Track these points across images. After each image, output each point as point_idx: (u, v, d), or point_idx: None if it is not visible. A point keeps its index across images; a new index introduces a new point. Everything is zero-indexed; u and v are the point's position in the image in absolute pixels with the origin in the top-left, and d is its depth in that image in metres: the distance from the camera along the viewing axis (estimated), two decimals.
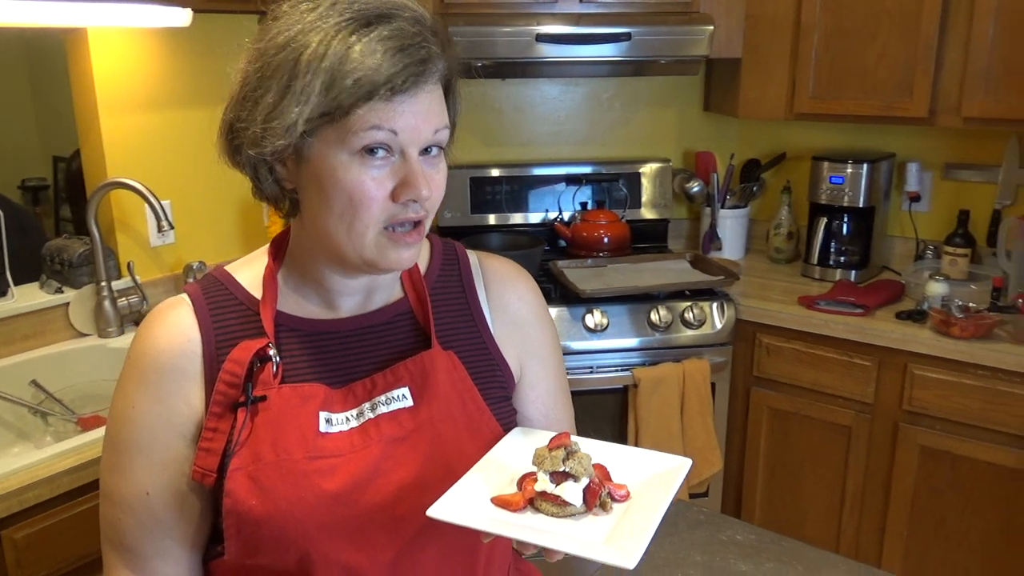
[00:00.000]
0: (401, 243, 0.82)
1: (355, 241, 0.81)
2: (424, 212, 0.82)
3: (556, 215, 2.76)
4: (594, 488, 0.75)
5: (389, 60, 0.75)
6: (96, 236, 2.00)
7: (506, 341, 0.97)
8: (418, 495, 0.82)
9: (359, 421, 0.86)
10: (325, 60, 0.75)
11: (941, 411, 2.04)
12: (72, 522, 1.47)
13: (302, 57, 0.75)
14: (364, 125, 0.76)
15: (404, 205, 0.80)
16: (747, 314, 2.28)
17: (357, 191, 0.78)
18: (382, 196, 0.79)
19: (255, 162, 0.82)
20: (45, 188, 3.79)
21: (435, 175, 0.83)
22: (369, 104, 0.76)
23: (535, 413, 1.00)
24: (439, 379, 0.88)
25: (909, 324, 2.11)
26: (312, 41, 0.76)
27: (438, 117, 0.81)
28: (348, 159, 0.78)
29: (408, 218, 0.81)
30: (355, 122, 0.76)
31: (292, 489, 0.80)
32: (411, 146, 0.79)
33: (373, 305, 0.92)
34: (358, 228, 0.80)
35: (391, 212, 0.80)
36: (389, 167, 0.79)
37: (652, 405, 2.21)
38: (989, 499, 2.01)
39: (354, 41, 0.75)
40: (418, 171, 0.79)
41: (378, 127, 0.77)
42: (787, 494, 2.34)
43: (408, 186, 0.79)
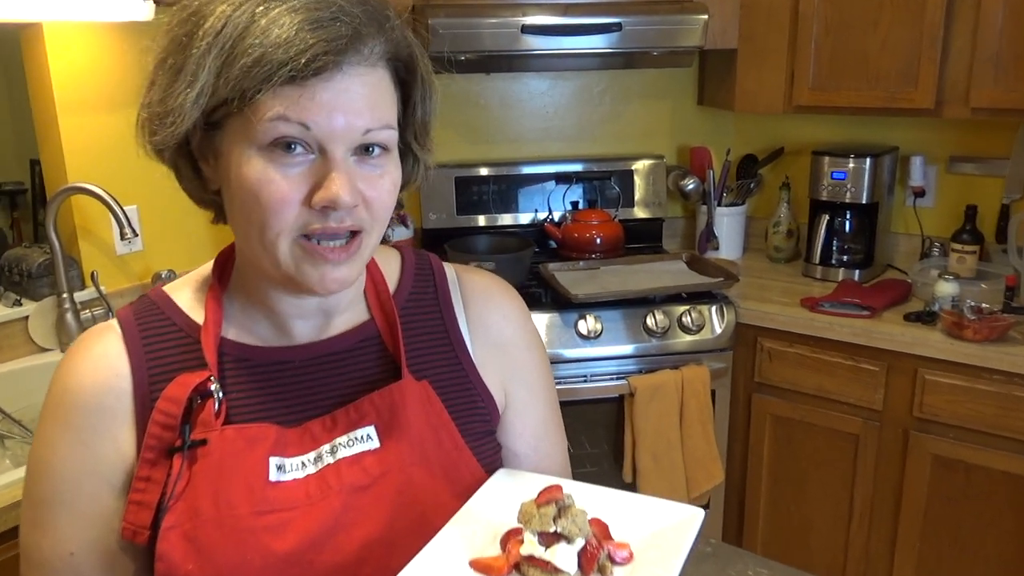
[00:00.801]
0: (320, 259, 0.69)
1: (269, 252, 0.70)
2: (353, 224, 0.69)
3: (546, 215, 2.65)
4: (591, 551, 0.64)
5: (299, 35, 0.63)
6: (56, 245, 1.87)
7: (488, 366, 0.85)
8: (385, 554, 0.71)
9: (316, 467, 0.74)
10: (222, 34, 0.64)
11: (954, 418, 1.93)
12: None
13: (198, 31, 0.65)
14: (268, 114, 0.65)
15: (323, 213, 0.68)
16: (747, 317, 2.18)
17: (264, 191, 0.67)
18: (294, 199, 0.67)
19: (173, 157, 0.71)
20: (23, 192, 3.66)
21: (375, 179, 0.70)
22: (274, 89, 0.64)
23: (523, 448, 0.89)
24: (410, 414, 0.76)
25: (918, 326, 2.01)
26: (215, 11, 0.65)
27: (375, 111, 0.68)
28: (255, 154, 0.67)
29: (327, 228, 0.68)
30: (259, 110, 0.65)
31: (236, 550, 0.69)
32: (332, 143, 0.67)
33: (333, 330, 0.80)
34: (269, 236, 0.69)
35: (307, 220, 0.68)
36: (307, 165, 0.68)
37: (650, 414, 2.11)
38: (1005, 509, 1.91)
39: (261, 13, 0.64)
40: (340, 171, 0.67)
41: (284, 118, 0.65)
42: (791, 505, 2.23)
43: (326, 189, 0.67)
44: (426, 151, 0.79)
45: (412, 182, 0.83)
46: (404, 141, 0.76)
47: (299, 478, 0.73)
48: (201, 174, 0.74)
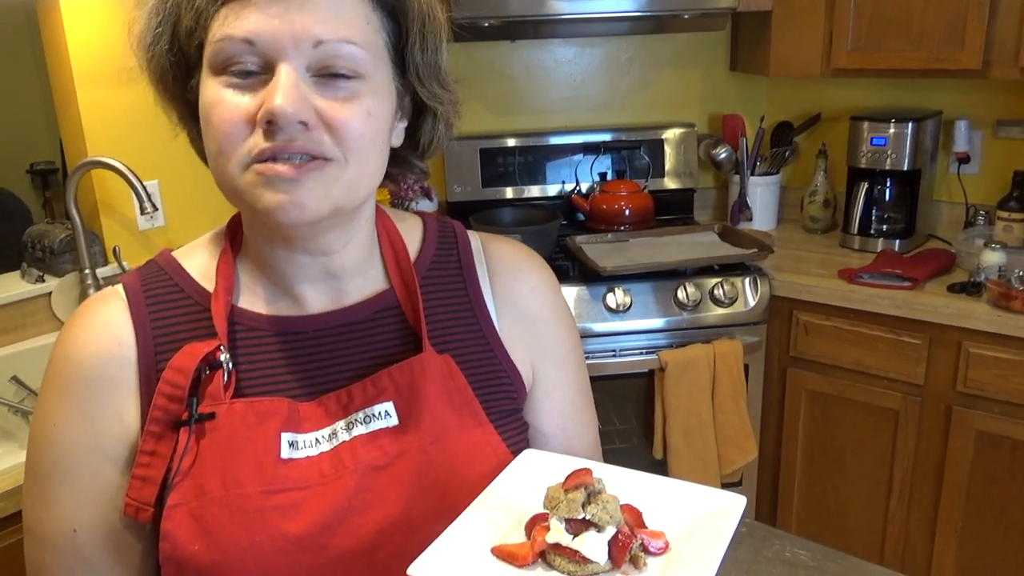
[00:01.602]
0: (269, 179, 0.63)
1: (230, 183, 0.66)
2: (307, 145, 0.63)
3: (573, 187, 2.58)
4: (623, 540, 0.59)
5: None
6: (77, 220, 1.85)
7: (515, 341, 0.80)
8: (402, 538, 0.66)
9: (331, 444, 0.70)
10: None
11: (999, 393, 1.86)
12: None
13: None
14: (217, 34, 0.63)
15: (270, 131, 0.62)
16: (782, 289, 2.11)
17: (214, 113, 0.63)
18: (241, 119, 0.63)
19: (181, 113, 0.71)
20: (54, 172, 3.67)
21: (341, 102, 0.64)
22: (222, 8, 0.62)
23: (551, 428, 0.84)
24: (431, 390, 0.72)
25: (963, 298, 1.92)
26: None
27: (332, 22, 0.63)
28: (211, 79, 0.64)
29: (274, 148, 0.62)
30: (211, 32, 0.64)
31: (244, 531, 0.65)
32: (280, 57, 0.62)
33: (349, 299, 0.76)
34: (221, 163, 0.65)
35: (256, 141, 0.63)
36: (259, 88, 0.63)
37: (680, 390, 2.05)
38: None
39: None
40: (285, 82, 0.62)
41: (229, 37, 0.62)
42: (828, 483, 2.17)
43: (266, 99, 0.62)
44: (438, 99, 0.73)
45: (433, 143, 0.78)
46: (406, 84, 0.71)
47: (312, 456, 0.69)
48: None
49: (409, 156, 0.78)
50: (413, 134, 0.77)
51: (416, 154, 0.79)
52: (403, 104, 0.73)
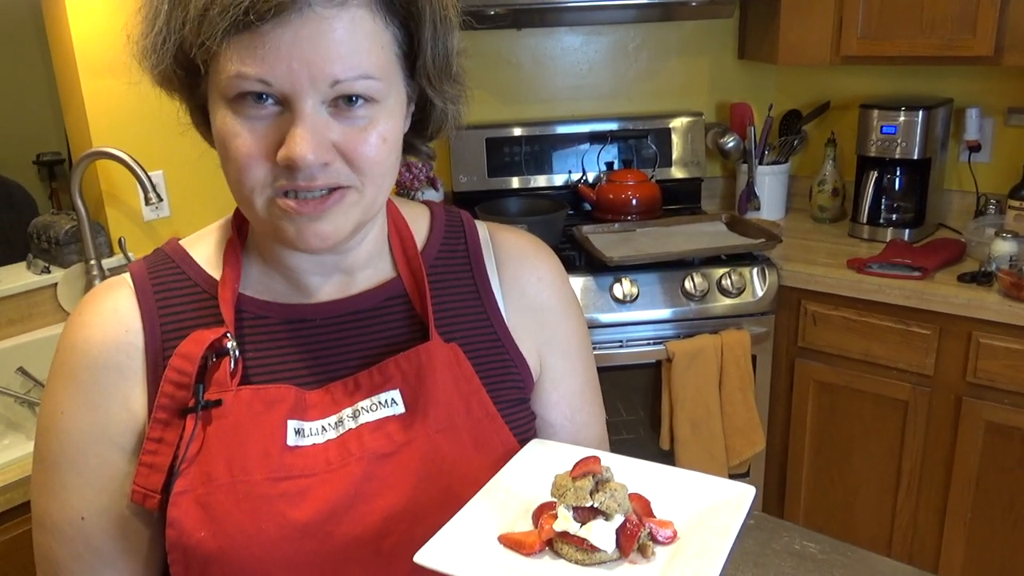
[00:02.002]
0: (293, 215, 0.64)
1: (248, 208, 0.66)
2: (328, 181, 0.63)
3: (580, 176, 2.57)
4: (631, 529, 0.58)
5: None
6: (82, 211, 1.85)
7: (523, 331, 0.80)
8: (409, 526, 0.66)
9: (337, 432, 0.69)
10: None
11: (1010, 383, 1.84)
12: None
13: None
14: (229, 70, 0.61)
15: (289, 171, 0.62)
16: (790, 280, 2.09)
17: (231, 147, 0.63)
18: (260, 155, 0.62)
19: (185, 96, 0.69)
20: (60, 163, 3.67)
21: (357, 133, 0.64)
22: (230, 38, 0.59)
23: (558, 418, 0.83)
24: (438, 378, 0.71)
25: (973, 287, 1.91)
26: None
27: (348, 59, 0.61)
28: (224, 106, 0.63)
29: (298, 187, 0.63)
30: (220, 63, 0.61)
31: (250, 519, 0.65)
32: (297, 97, 0.61)
33: (356, 287, 0.75)
34: (244, 193, 0.65)
35: (276, 176, 0.63)
36: (274, 118, 0.62)
37: (688, 381, 2.04)
38: None
39: None
40: (301, 128, 0.61)
41: (241, 75, 0.60)
42: (836, 474, 2.16)
43: (286, 146, 0.61)
44: (447, 97, 0.72)
45: (440, 131, 0.77)
46: (416, 86, 0.70)
47: (319, 443, 0.69)
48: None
49: (415, 141, 0.78)
50: (420, 119, 0.76)
51: (422, 140, 0.78)
52: (411, 101, 0.72)
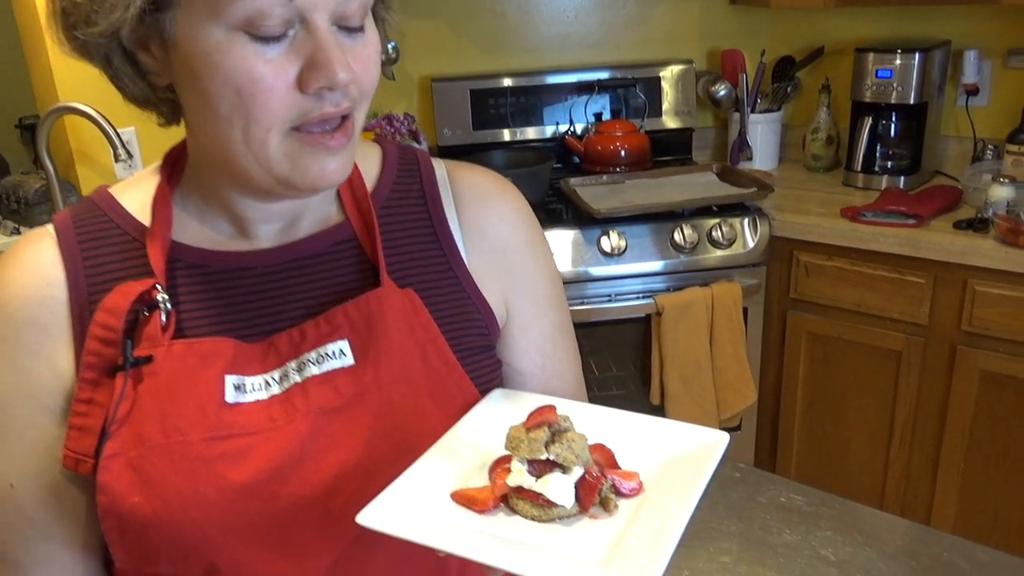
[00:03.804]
0: (322, 148, 0.61)
1: (257, 153, 0.60)
2: (348, 103, 0.60)
3: (567, 128, 2.50)
4: (590, 482, 0.54)
5: None
6: (50, 169, 1.79)
7: (486, 274, 0.75)
8: (361, 484, 0.62)
9: (282, 387, 0.65)
10: None
11: (1006, 331, 1.80)
12: None
13: None
14: None
15: (318, 96, 0.58)
16: (783, 230, 2.04)
17: (245, 82, 0.56)
18: (283, 86, 0.57)
19: (104, 50, 0.60)
20: None
21: (359, 50, 0.61)
22: None
23: (528, 366, 0.79)
24: (390, 326, 0.67)
25: (969, 234, 1.86)
26: None
27: None
28: (226, 37, 0.56)
29: (327, 114, 0.59)
30: None
31: (187, 481, 0.61)
32: (316, 10, 0.57)
33: (302, 231, 0.70)
34: (257, 134, 0.59)
35: (301, 108, 0.59)
36: (288, 44, 0.57)
37: (678, 334, 2.00)
38: None
39: None
40: (331, 45, 0.57)
41: None
42: (828, 426, 2.14)
43: (319, 69, 0.57)
44: (393, 11, 0.69)
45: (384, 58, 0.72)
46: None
47: (262, 399, 0.64)
48: (141, 67, 0.63)
49: None
50: None
51: None
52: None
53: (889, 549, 0.95)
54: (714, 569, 0.95)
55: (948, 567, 0.92)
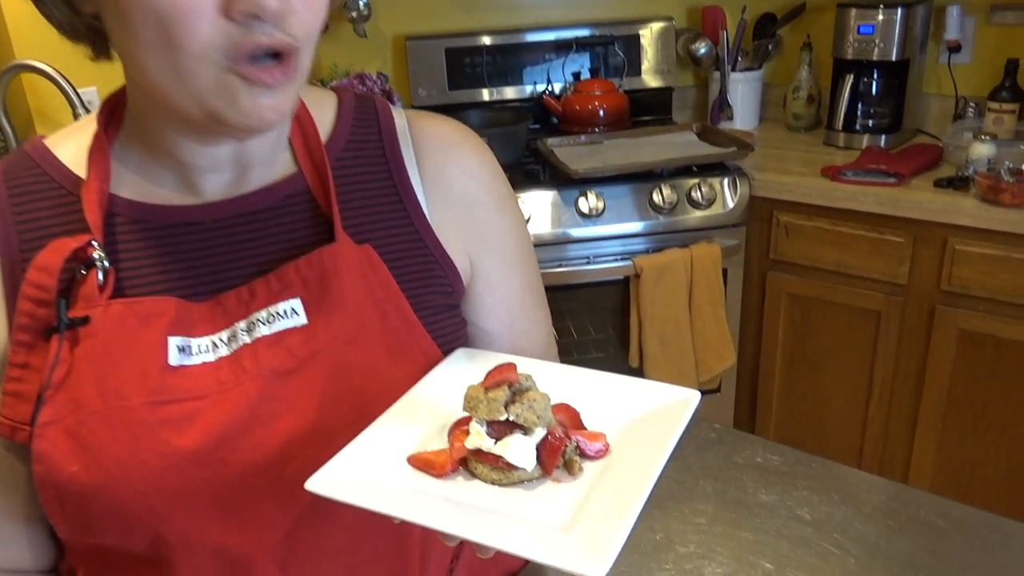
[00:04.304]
0: (259, 85, 0.55)
1: (188, 85, 0.55)
2: (284, 39, 0.55)
3: (545, 88, 2.45)
4: (553, 443, 0.52)
5: None
6: (8, 129, 1.73)
7: (449, 230, 0.71)
8: (315, 449, 0.59)
9: (230, 348, 0.62)
10: None
11: (985, 290, 1.79)
12: None
13: None
14: None
15: (247, 25, 0.53)
16: (762, 189, 2.01)
17: (167, 5, 0.52)
18: (208, 9, 0.52)
19: None
20: None
21: None
22: None
23: (495, 325, 0.76)
24: (345, 284, 0.63)
25: (950, 193, 1.84)
26: None
27: None
28: None
29: (257, 43, 0.54)
30: None
31: (128, 449, 0.57)
32: None
33: (251, 184, 0.66)
34: (184, 63, 0.54)
35: (230, 36, 0.54)
36: None
37: (657, 296, 1.98)
38: None
39: None
40: None
41: None
42: (807, 387, 2.13)
43: None
44: None
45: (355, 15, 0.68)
46: None
47: (209, 362, 0.61)
48: None
49: None
50: None
51: None
52: None
53: (866, 508, 0.94)
54: (689, 530, 0.94)
55: (925, 525, 0.91)
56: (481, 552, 0.47)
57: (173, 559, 0.59)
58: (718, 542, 0.91)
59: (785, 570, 0.87)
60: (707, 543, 0.91)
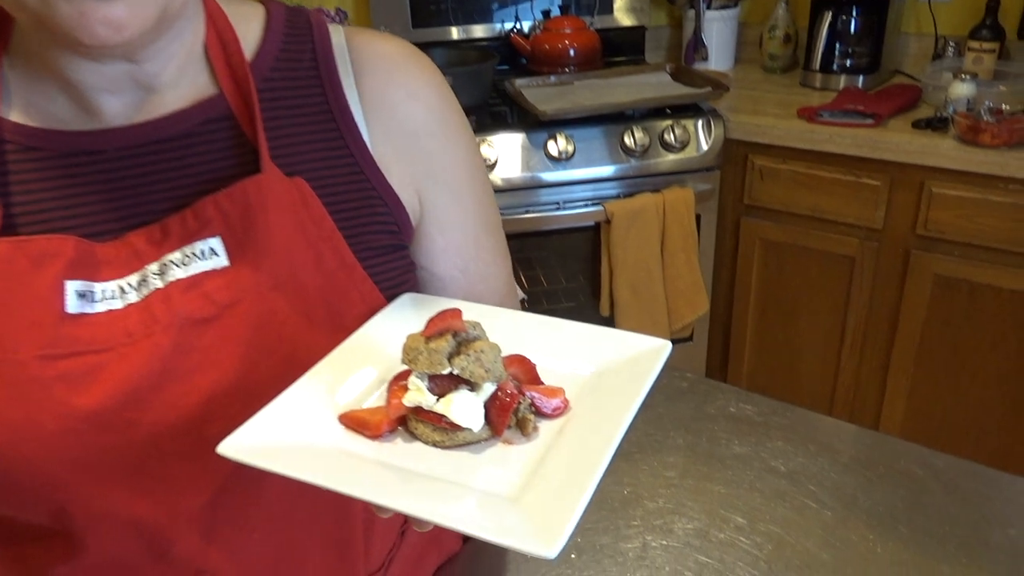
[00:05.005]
0: None
1: None
2: None
3: (513, 26, 2.34)
4: (504, 400, 0.46)
5: None
6: None
7: (393, 161, 0.64)
8: (241, 407, 0.52)
9: (140, 294, 0.54)
10: None
11: (961, 234, 1.75)
12: None
13: None
14: None
15: None
16: (737, 132, 1.95)
17: None
18: None
19: None
20: None
21: None
22: None
23: (448, 269, 0.69)
24: (272, 222, 0.56)
25: (928, 134, 1.79)
26: None
27: None
28: None
29: None
30: None
31: (18, 408, 0.51)
32: None
33: (162, 107, 0.58)
34: None
35: None
36: None
37: (628, 243, 1.92)
38: (1010, 330, 1.77)
39: None
40: None
41: None
42: (780, 334, 2.10)
43: None
44: None
45: None
46: None
47: (115, 309, 0.53)
48: None
49: None
50: None
51: None
52: None
53: (843, 459, 0.90)
54: (658, 484, 0.89)
55: (904, 475, 0.87)
56: (418, 525, 0.42)
57: (81, 532, 0.53)
58: (689, 496, 0.87)
59: (758, 524, 0.83)
60: (677, 497, 0.87)
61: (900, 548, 0.78)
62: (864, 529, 0.81)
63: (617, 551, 0.81)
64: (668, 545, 0.81)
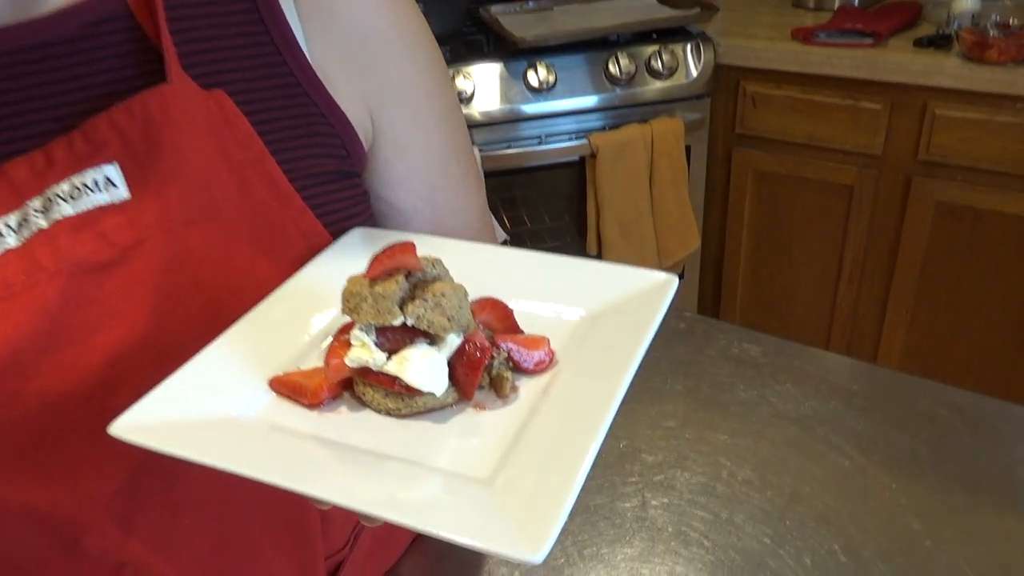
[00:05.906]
0: None
1: None
2: None
3: None
4: (473, 355, 0.36)
5: None
6: None
7: (337, 71, 0.53)
8: (152, 370, 0.42)
9: (19, 237, 0.43)
10: None
11: (965, 158, 1.66)
12: None
13: None
14: None
15: None
16: (728, 56, 1.83)
17: None
18: None
19: None
20: None
21: None
22: None
23: (411, 200, 0.59)
24: (185, 142, 0.45)
25: (931, 52, 1.68)
26: None
27: None
28: None
29: None
30: None
31: None
32: None
33: (44, 5, 0.46)
34: None
35: None
36: None
37: (615, 178, 1.82)
38: (1016, 258, 1.70)
39: None
40: None
41: None
42: (774, 268, 2.02)
43: None
44: None
45: None
46: None
47: None
48: None
49: None
50: None
51: None
52: None
53: (858, 401, 0.82)
54: (657, 436, 0.81)
55: (925, 417, 0.79)
56: (368, 521, 0.33)
57: None
58: (691, 448, 0.79)
59: (769, 476, 0.75)
60: (678, 450, 0.79)
61: (926, 497, 0.71)
62: (886, 478, 0.73)
63: (614, 511, 0.73)
64: (669, 503, 0.73)
